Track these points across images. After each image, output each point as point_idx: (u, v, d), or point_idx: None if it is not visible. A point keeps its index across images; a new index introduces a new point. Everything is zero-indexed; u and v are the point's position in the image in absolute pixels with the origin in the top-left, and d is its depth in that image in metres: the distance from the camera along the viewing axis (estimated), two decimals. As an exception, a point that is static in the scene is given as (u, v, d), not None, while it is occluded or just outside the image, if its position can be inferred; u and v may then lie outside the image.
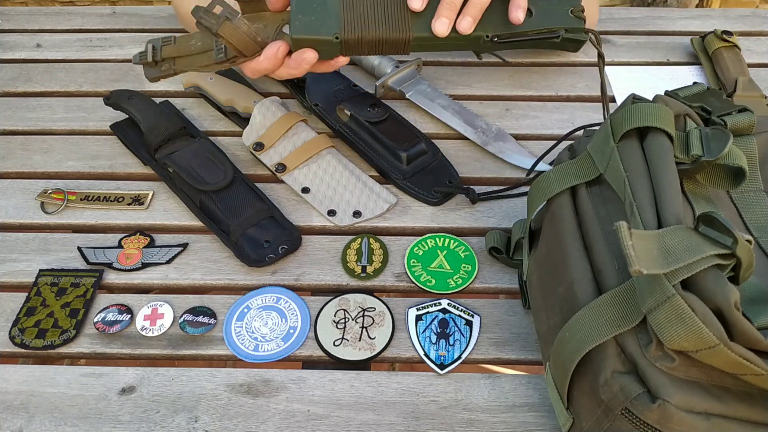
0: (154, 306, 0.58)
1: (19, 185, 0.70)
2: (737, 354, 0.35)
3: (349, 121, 0.73)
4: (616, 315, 0.40)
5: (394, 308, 0.58)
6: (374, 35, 0.55)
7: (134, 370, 0.54)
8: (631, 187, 0.42)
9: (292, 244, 0.62)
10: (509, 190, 0.68)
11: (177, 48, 0.59)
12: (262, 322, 0.57)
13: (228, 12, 0.54)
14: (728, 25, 0.92)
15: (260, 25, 0.57)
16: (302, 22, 0.54)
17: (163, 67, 0.59)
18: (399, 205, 0.68)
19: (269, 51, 0.55)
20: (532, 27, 0.57)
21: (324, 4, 0.55)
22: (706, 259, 0.36)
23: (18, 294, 0.60)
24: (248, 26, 0.54)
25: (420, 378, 0.54)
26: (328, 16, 0.55)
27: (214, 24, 0.53)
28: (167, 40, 0.59)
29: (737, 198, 0.49)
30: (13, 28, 0.93)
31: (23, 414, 0.51)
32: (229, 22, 0.53)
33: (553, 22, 0.57)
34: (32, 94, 0.83)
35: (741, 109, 0.49)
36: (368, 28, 0.55)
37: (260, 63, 0.56)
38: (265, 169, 0.71)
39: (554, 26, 0.57)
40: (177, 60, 0.59)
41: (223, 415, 0.51)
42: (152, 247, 0.63)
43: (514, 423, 0.51)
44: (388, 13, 0.55)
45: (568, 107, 0.79)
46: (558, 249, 0.48)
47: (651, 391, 0.38)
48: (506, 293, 0.60)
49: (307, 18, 0.54)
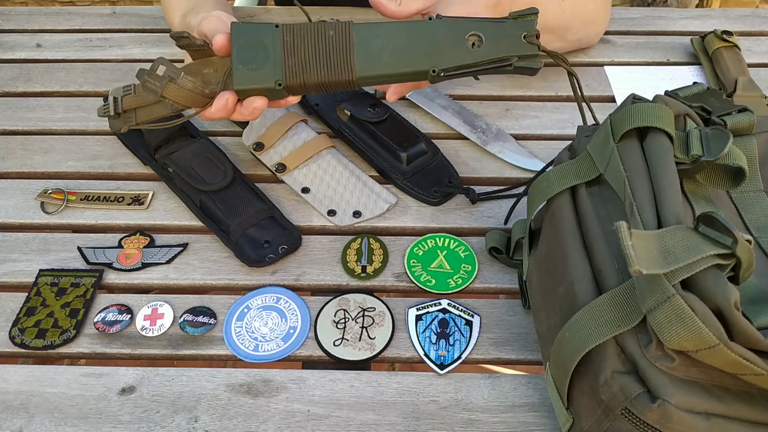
0: (154, 306, 0.58)
1: (19, 185, 0.70)
2: (737, 354, 0.35)
3: (349, 121, 0.73)
4: (616, 315, 0.40)
5: (394, 308, 0.58)
6: (317, 79, 0.54)
7: (134, 370, 0.54)
8: (631, 187, 0.42)
9: (292, 244, 0.62)
10: (509, 190, 0.68)
11: (136, 99, 0.59)
12: (262, 322, 0.57)
13: (171, 72, 0.53)
14: (728, 25, 0.92)
15: (210, 71, 0.57)
16: (243, 73, 0.54)
17: (127, 119, 0.59)
18: (399, 205, 0.68)
19: (219, 103, 0.55)
20: (482, 57, 0.54)
21: (265, 50, 0.54)
22: (706, 259, 0.36)
23: (18, 294, 0.60)
24: (193, 83, 0.54)
25: (420, 378, 0.54)
26: (269, 62, 0.54)
27: (158, 87, 0.53)
28: (128, 89, 0.59)
29: (737, 198, 0.49)
30: (13, 28, 0.93)
31: (23, 414, 0.51)
32: (172, 84, 0.53)
33: (505, 50, 0.54)
34: (32, 94, 0.83)
35: (741, 109, 0.49)
36: (310, 73, 0.54)
37: (213, 114, 0.57)
38: (265, 169, 0.71)
39: (506, 54, 0.54)
40: (137, 111, 0.59)
41: (223, 415, 0.51)
42: (152, 247, 0.63)
43: (514, 423, 0.51)
44: (331, 56, 0.54)
45: (568, 107, 0.79)
46: (558, 249, 0.48)
47: (651, 391, 0.38)
48: (506, 293, 0.60)
49: (247, 68, 0.54)
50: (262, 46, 0.54)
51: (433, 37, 0.54)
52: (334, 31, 0.54)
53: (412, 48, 0.54)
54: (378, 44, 0.54)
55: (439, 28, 0.54)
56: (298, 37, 0.54)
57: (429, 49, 0.54)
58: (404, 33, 0.54)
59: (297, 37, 0.54)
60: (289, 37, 0.54)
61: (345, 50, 0.54)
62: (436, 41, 0.54)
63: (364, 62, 0.54)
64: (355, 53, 0.54)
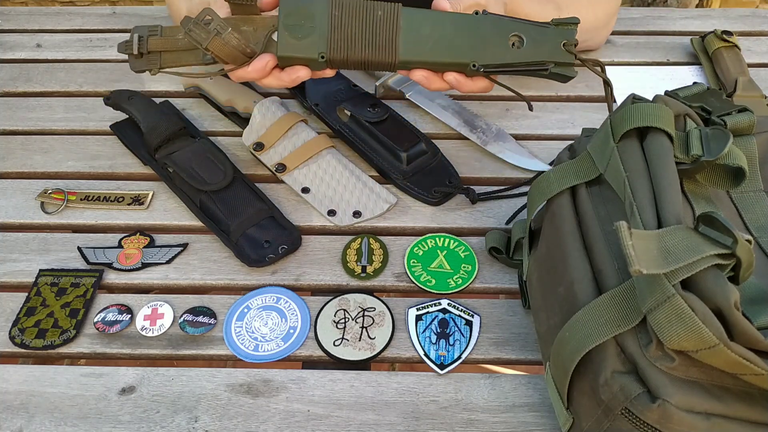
0: (154, 306, 0.58)
1: (19, 185, 0.70)
2: (737, 354, 0.35)
3: (349, 121, 0.73)
4: (616, 315, 0.40)
5: (394, 308, 0.58)
6: (360, 56, 0.55)
7: (134, 370, 0.54)
8: (631, 187, 0.42)
9: (292, 244, 0.62)
10: (509, 190, 0.68)
11: (163, 41, 0.57)
12: (262, 322, 0.57)
13: (218, 24, 0.52)
14: (728, 25, 0.92)
15: (250, 29, 0.56)
16: (287, 41, 0.54)
17: (150, 61, 0.58)
18: (399, 205, 0.68)
19: (258, 64, 0.55)
20: (521, 59, 0.55)
21: (312, 20, 0.54)
22: (706, 259, 0.36)
23: (18, 294, 0.59)
24: (238, 39, 0.53)
25: (420, 378, 0.54)
26: (315, 33, 0.54)
27: (204, 38, 0.52)
28: (153, 30, 0.58)
29: (737, 198, 0.49)
30: (13, 28, 0.93)
31: (23, 414, 0.51)
32: (218, 38, 0.52)
33: (544, 55, 0.55)
34: (32, 94, 0.83)
35: (741, 109, 0.49)
36: (354, 49, 0.55)
37: (248, 73, 0.56)
38: (265, 169, 0.71)
39: (544, 59, 0.55)
40: (163, 54, 0.58)
41: (223, 415, 0.51)
42: (152, 247, 0.63)
43: (514, 423, 0.51)
44: (376, 36, 0.54)
45: (568, 107, 0.79)
46: (558, 249, 0.48)
47: (651, 391, 0.38)
48: (506, 293, 0.60)
49: (293, 36, 0.54)
50: (310, 16, 0.54)
51: (477, 32, 0.55)
52: (383, 11, 0.55)
53: (455, 40, 0.55)
54: (424, 31, 0.55)
55: (484, 24, 0.55)
56: (346, 12, 0.54)
57: (472, 43, 0.55)
58: (450, 24, 0.55)
59: (345, 12, 0.54)
60: (337, 11, 0.54)
61: (391, 32, 0.55)
62: (479, 36, 0.55)
63: (408, 47, 0.55)
64: (401, 37, 0.55)
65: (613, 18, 0.84)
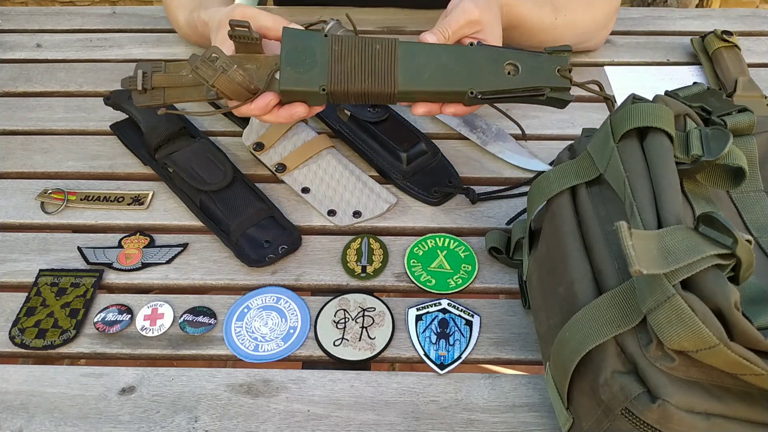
0: (154, 306, 0.58)
1: (19, 185, 0.70)
2: (737, 354, 0.35)
3: (349, 121, 0.73)
4: (616, 315, 0.40)
5: (394, 308, 0.58)
6: (360, 88, 0.56)
7: (134, 370, 0.54)
8: (631, 187, 0.42)
9: (292, 244, 0.62)
10: (509, 190, 0.68)
11: (168, 78, 0.59)
12: (262, 322, 0.57)
13: (224, 62, 0.54)
14: (728, 25, 0.92)
15: (253, 67, 0.57)
16: (290, 74, 0.55)
17: (155, 97, 0.59)
18: (399, 205, 0.68)
19: (260, 102, 0.57)
20: (518, 85, 0.56)
21: (313, 55, 0.55)
22: (706, 259, 0.36)
23: (18, 294, 0.59)
24: (242, 76, 0.55)
25: (420, 378, 0.54)
26: (316, 68, 0.55)
27: (210, 75, 0.53)
28: (158, 66, 0.60)
29: (737, 198, 0.49)
30: (13, 28, 0.93)
31: (23, 414, 0.51)
32: (224, 75, 0.53)
33: (539, 81, 0.56)
34: (32, 94, 0.83)
35: (741, 109, 0.49)
36: (355, 81, 0.56)
37: (251, 110, 0.58)
38: (265, 169, 0.71)
39: (539, 85, 0.56)
40: (167, 90, 0.59)
41: (223, 415, 0.51)
42: (152, 247, 0.63)
43: (514, 423, 0.51)
44: (376, 67, 0.56)
45: (568, 107, 0.78)
46: (558, 249, 0.48)
47: (651, 391, 0.38)
48: (506, 293, 0.60)
49: (295, 70, 0.55)
50: (311, 52, 0.56)
51: (473, 62, 0.57)
52: (380, 45, 0.56)
53: (453, 69, 0.57)
54: (421, 62, 0.56)
55: (479, 54, 0.57)
56: (345, 47, 0.56)
57: (469, 72, 0.57)
58: (446, 55, 0.57)
59: (344, 47, 0.56)
60: (337, 46, 0.56)
61: (390, 63, 0.56)
62: (475, 65, 0.57)
63: (407, 77, 0.56)
64: (399, 67, 0.56)
65: (612, 18, 0.83)
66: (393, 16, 0.94)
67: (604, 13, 0.81)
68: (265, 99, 0.56)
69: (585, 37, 0.82)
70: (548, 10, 0.74)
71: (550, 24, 0.74)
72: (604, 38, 0.86)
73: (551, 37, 0.76)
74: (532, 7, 0.71)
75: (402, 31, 0.92)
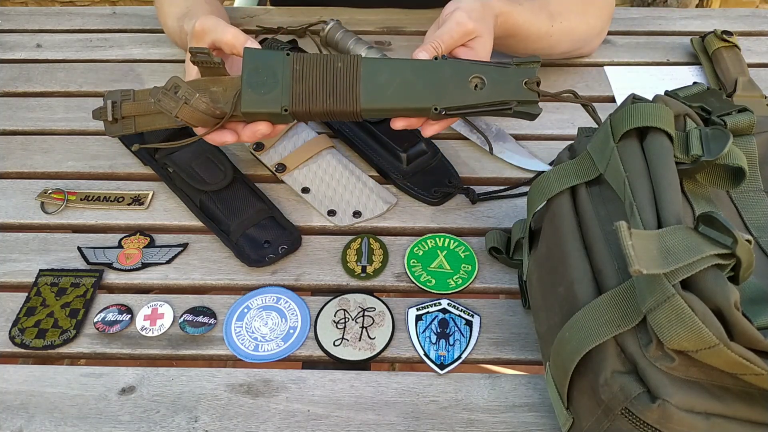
0: (154, 306, 0.58)
1: (19, 185, 0.70)
2: (737, 354, 0.35)
3: (349, 121, 0.73)
4: (616, 315, 0.40)
5: (394, 308, 0.58)
6: (323, 108, 0.56)
7: (134, 370, 0.54)
8: (631, 187, 0.42)
9: (292, 244, 0.62)
10: (509, 190, 0.68)
11: (136, 106, 0.59)
12: (262, 322, 0.57)
13: (186, 92, 0.54)
14: (728, 25, 0.92)
15: (219, 89, 0.57)
16: (251, 97, 0.55)
17: (125, 126, 0.60)
18: (399, 205, 0.68)
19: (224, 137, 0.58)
20: (483, 99, 0.55)
21: (274, 76, 0.55)
22: (706, 259, 0.36)
23: (18, 294, 0.60)
24: (206, 104, 0.55)
25: (420, 378, 0.54)
26: (278, 88, 0.55)
27: (173, 107, 0.53)
28: (126, 95, 0.60)
29: (737, 198, 0.49)
30: (13, 28, 0.93)
31: (23, 414, 0.51)
32: (186, 106, 0.54)
33: (506, 95, 0.55)
34: (32, 94, 0.83)
35: (741, 109, 0.49)
36: (317, 101, 0.55)
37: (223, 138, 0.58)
38: (265, 169, 0.71)
39: (506, 98, 0.55)
40: (137, 119, 0.60)
41: (223, 415, 0.51)
42: (152, 247, 0.63)
43: (514, 423, 0.51)
44: (338, 87, 0.55)
45: (568, 107, 0.79)
46: (558, 249, 0.48)
47: (651, 390, 0.38)
48: (506, 293, 0.60)
49: (256, 92, 0.55)
50: (272, 72, 0.55)
51: (437, 76, 0.56)
52: (342, 63, 0.56)
53: (416, 85, 0.56)
54: (384, 79, 0.56)
55: (444, 68, 0.56)
56: (307, 67, 0.55)
57: (433, 87, 0.56)
58: (410, 70, 0.56)
59: (306, 66, 0.55)
60: (298, 66, 0.55)
61: (352, 82, 0.55)
62: (440, 80, 0.56)
63: (369, 95, 0.55)
64: (361, 85, 0.55)
65: (606, 24, 0.83)
66: (393, 16, 0.94)
67: (599, 19, 0.81)
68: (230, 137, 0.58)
69: (581, 44, 0.82)
70: (544, 17, 0.73)
71: (545, 32, 0.74)
72: (598, 44, 0.86)
73: (547, 45, 0.76)
74: (528, 16, 0.71)
75: (402, 31, 0.92)
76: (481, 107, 0.56)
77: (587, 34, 0.81)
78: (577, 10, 0.77)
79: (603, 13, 0.80)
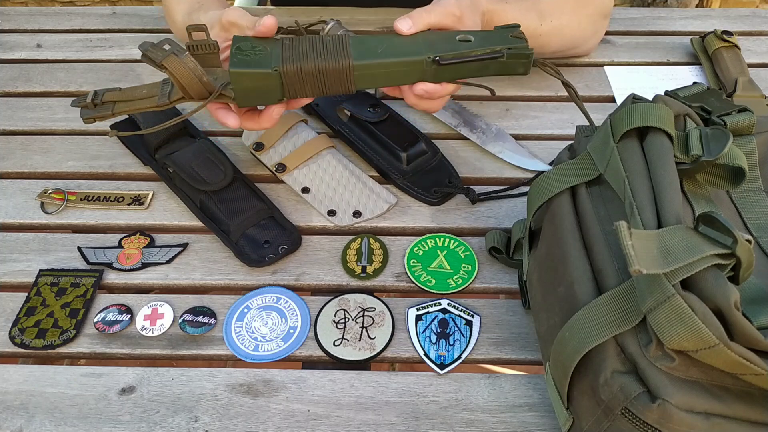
0: (154, 306, 0.58)
1: (19, 185, 0.70)
2: (737, 354, 0.35)
3: (349, 121, 0.73)
4: (616, 315, 0.40)
5: (394, 308, 0.58)
6: (313, 66, 0.56)
7: (134, 370, 0.54)
8: (631, 187, 0.42)
9: (292, 244, 0.62)
10: (509, 190, 0.68)
11: (120, 94, 0.59)
12: (262, 322, 0.57)
13: (176, 49, 0.54)
14: (728, 25, 0.92)
15: (211, 79, 0.57)
16: (239, 58, 0.55)
17: (102, 110, 0.59)
18: (399, 205, 0.68)
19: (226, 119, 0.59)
20: (474, 49, 0.57)
21: (264, 48, 0.56)
22: (706, 259, 0.36)
23: (18, 294, 0.60)
24: (195, 64, 0.54)
25: (420, 378, 0.54)
26: (267, 55, 0.56)
27: (159, 56, 0.53)
28: (113, 89, 0.60)
29: (737, 198, 0.49)
30: (13, 28, 0.93)
31: (23, 414, 0.51)
32: (175, 56, 0.53)
33: (495, 44, 0.58)
34: (32, 94, 0.83)
35: (741, 109, 0.49)
36: (308, 60, 0.56)
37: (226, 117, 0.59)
38: (265, 169, 0.71)
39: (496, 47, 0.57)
40: (117, 104, 0.59)
41: (223, 415, 0.51)
42: (152, 247, 0.63)
43: (514, 423, 0.51)
44: (328, 48, 0.57)
45: (568, 107, 0.79)
46: (558, 249, 0.48)
47: (651, 390, 0.38)
48: (506, 293, 0.60)
49: (244, 54, 0.56)
50: (262, 46, 0.57)
51: (426, 39, 0.59)
52: (332, 38, 0.58)
53: (406, 44, 0.58)
54: (373, 43, 0.58)
55: (431, 35, 0.59)
56: (296, 41, 0.57)
57: (423, 44, 0.58)
58: (397, 38, 0.59)
59: (296, 41, 0.57)
60: (288, 41, 0.57)
61: (342, 44, 0.57)
62: (429, 40, 0.58)
63: (360, 53, 0.57)
64: (351, 47, 0.57)
65: (601, 24, 0.82)
66: (393, 16, 0.93)
67: (591, 19, 0.80)
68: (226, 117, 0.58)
69: (573, 43, 0.82)
70: (533, 17, 0.73)
71: (534, 30, 0.74)
72: (595, 44, 0.85)
73: (537, 44, 0.75)
74: (516, 15, 0.70)
75: (402, 31, 0.92)
76: (474, 56, 0.57)
77: (579, 34, 0.81)
78: (568, 9, 0.77)
79: (595, 12, 0.80)
